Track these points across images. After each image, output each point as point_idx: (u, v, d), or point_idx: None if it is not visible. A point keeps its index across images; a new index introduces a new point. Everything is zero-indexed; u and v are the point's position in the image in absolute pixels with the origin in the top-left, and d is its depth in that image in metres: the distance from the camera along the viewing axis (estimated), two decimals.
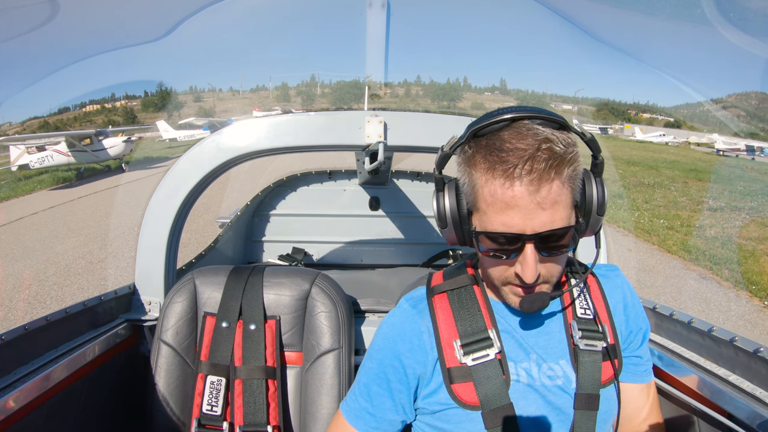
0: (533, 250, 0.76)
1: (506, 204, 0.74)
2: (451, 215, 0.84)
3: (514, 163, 0.72)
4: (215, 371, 1.23)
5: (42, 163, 16.53)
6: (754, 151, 24.95)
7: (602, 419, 0.89)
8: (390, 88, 12.08)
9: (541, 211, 0.73)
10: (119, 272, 6.02)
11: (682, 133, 37.22)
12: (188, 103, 73.55)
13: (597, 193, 0.81)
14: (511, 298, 0.85)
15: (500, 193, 0.74)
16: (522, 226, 0.74)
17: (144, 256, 1.45)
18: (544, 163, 0.71)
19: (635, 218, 9.64)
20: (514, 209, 0.74)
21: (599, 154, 0.82)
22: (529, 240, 0.75)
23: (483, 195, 0.77)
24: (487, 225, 0.78)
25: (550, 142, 0.73)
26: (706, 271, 6.53)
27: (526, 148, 0.72)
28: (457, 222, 0.84)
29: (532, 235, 0.75)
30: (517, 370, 0.89)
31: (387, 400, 0.92)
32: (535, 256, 0.77)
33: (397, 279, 2.10)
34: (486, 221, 0.78)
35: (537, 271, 0.78)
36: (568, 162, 0.74)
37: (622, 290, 0.98)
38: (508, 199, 0.73)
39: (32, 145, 17.26)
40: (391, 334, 0.95)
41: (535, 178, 0.72)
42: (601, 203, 0.81)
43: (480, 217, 0.80)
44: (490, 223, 0.77)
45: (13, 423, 1.00)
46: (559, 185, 0.73)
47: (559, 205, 0.74)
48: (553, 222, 0.74)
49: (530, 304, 0.81)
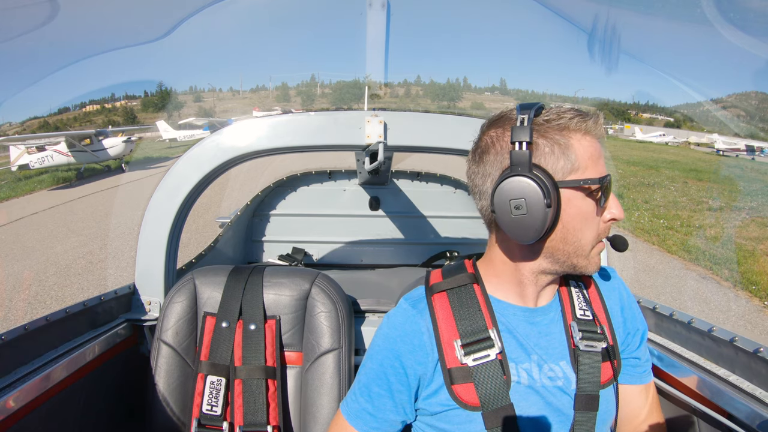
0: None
1: (599, 152, 0.84)
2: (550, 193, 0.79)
3: (592, 120, 0.82)
4: (215, 371, 1.23)
5: (42, 163, 16.52)
6: (754, 151, 24.95)
7: (602, 420, 0.89)
8: (390, 88, 12.11)
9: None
10: (119, 272, 6.02)
11: (682, 133, 37.21)
12: (188, 103, 73.58)
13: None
14: (596, 259, 0.87)
15: (595, 144, 0.83)
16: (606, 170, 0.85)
17: (144, 256, 1.45)
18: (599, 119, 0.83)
19: (635, 218, 9.65)
20: (601, 157, 0.84)
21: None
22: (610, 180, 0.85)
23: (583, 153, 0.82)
24: (595, 175, 0.82)
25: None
26: (706, 271, 6.53)
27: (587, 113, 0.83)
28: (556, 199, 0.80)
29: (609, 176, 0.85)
30: (518, 371, 0.89)
31: (387, 401, 0.92)
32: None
33: (396, 279, 2.10)
34: (592, 173, 0.82)
35: None
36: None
37: (619, 292, 0.99)
38: (598, 150, 0.84)
39: (32, 145, 17.24)
40: (392, 334, 0.94)
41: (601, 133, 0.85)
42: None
43: (582, 174, 0.82)
44: (595, 173, 0.82)
45: (13, 423, 1.00)
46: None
47: None
48: None
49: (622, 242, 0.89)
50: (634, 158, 22.02)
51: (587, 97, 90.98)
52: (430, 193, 2.73)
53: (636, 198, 12.02)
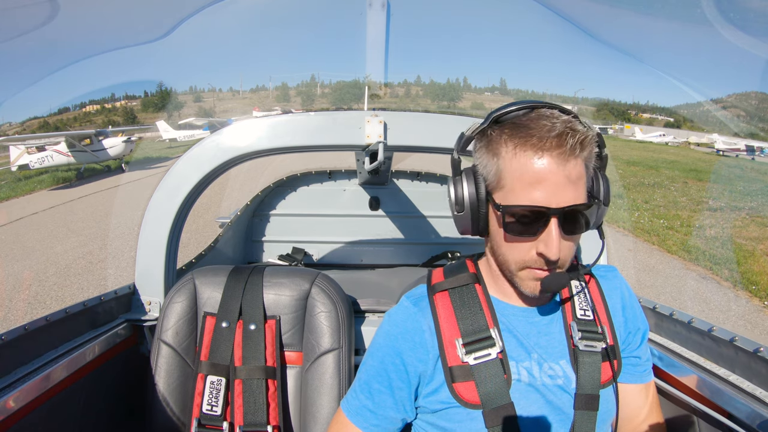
0: (557, 226, 0.77)
1: (536, 177, 0.76)
2: (469, 199, 0.85)
3: (544, 137, 0.75)
4: (215, 371, 1.23)
5: (42, 163, 16.52)
6: (754, 151, 24.96)
7: (602, 419, 0.89)
8: (390, 88, 12.13)
9: (569, 184, 0.76)
10: (119, 272, 6.02)
11: (682, 133, 37.24)
12: (188, 103, 73.60)
13: (603, 184, 0.84)
14: (528, 283, 0.84)
15: (529, 165, 0.76)
16: (549, 200, 0.76)
17: (144, 256, 1.45)
18: (572, 138, 0.74)
19: (635, 218, 9.65)
20: (543, 183, 0.75)
21: (605, 149, 0.85)
22: (555, 215, 0.76)
23: (511, 170, 0.78)
24: (513, 201, 0.78)
25: (573, 122, 0.77)
26: (706, 271, 6.53)
27: (554, 125, 0.75)
28: (474, 206, 0.84)
29: (557, 210, 0.76)
30: (518, 370, 0.89)
31: (388, 398, 0.92)
32: (559, 232, 0.77)
33: (397, 279, 2.10)
34: (512, 197, 0.79)
35: (560, 248, 0.78)
36: (589, 143, 0.77)
37: (620, 291, 0.99)
38: (538, 171, 0.75)
39: (32, 146, 17.24)
40: (393, 331, 0.95)
41: (564, 152, 0.74)
42: (607, 193, 0.84)
43: (505, 195, 0.80)
44: (517, 199, 0.78)
45: (13, 423, 1.00)
46: (581, 162, 0.77)
47: (582, 181, 0.78)
48: (576, 198, 0.77)
49: (550, 282, 0.81)
50: (634, 158, 22.03)
51: (587, 97, 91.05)
52: (430, 193, 2.73)
53: (636, 198, 12.02)
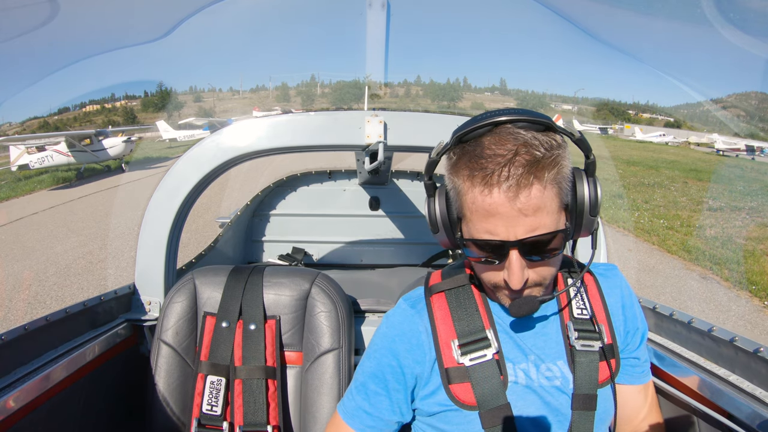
0: (518, 256, 0.75)
1: (487, 211, 0.73)
2: (441, 221, 0.84)
3: (491, 170, 0.71)
4: (215, 371, 1.23)
5: (42, 163, 16.51)
6: (754, 151, 24.95)
7: (600, 419, 0.89)
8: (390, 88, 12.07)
9: (523, 217, 0.72)
10: (119, 272, 6.02)
11: (682, 133, 37.22)
12: (188, 103, 73.59)
13: (589, 194, 0.78)
14: (504, 300, 0.85)
15: (480, 200, 0.73)
16: (505, 233, 0.74)
17: (144, 256, 1.45)
18: (521, 168, 0.70)
19: (635, 218, 9.64)
20: (496, 216, 0.73)
21: (590, 154, 0.79)
22: (513, 247, 0.75)
23: (466, 202, 0.77)
24: (473, 232, 0.77)
25: (529, 146, 0.71)
26: (706, 271, 6.53)
27: (505, 154, 0.71)
28: (447, 228, 0.84)
29: (515, 242, 0.74)
30: (515, 371, 0.89)
31: (384, 399, 0.92)
32: (521, 262, 0.76)
33: (396, 279, 2.10)
34: (471, 228, 0.78)
35: (524, 277, 0.77)
36: (548, 165, 0.72)
37: (621, 290, 0.98)
38: (488, 207, 0.73)
39: (32, 145, 17.24)
40: (390, 333, 0.95)
41: (513, 184, 0.71)
42: (594, 204, 0.78)
43: (466, 224, 0.80)
44: (476, 230, 0.77)
45: (13, 423, 1.00)
46: (539, 189, 0.72)
47: (543, 210, 0.73)
48: (536, 228, 0.73)
49: (518, 308, 0.80)
50: (634, 158, 22.02)
51: (587, 97, 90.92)
52: None
53: (636, 198, 12.02)
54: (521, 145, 0.71)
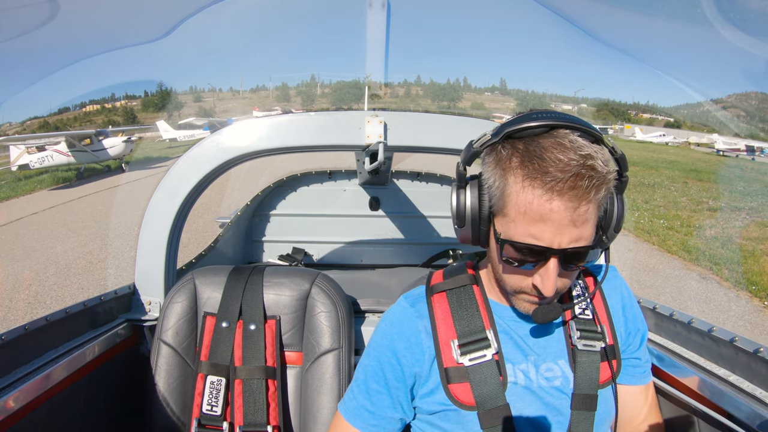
0: (556, 264, 0.75)
1: (541, 216, 0.72)
2: (471, 215, 0.82)
3: (557, 177, 0.70)
4: (215, 371, 1.23)
5: (42, 163, 16.51)
6: (754, 152, 24.96)
7: (600, 420, 0.89)
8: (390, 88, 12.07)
9: (573, 228, 0.72)
10: (119, 272, 6.02)
11: (682, 133, 37.24)
12: (188, 103, 73.60)
13: (618, 211, 0.80)
14: (523, 305, 0.84)
15: (537, 204, 0.72)
16: (550, 240, 0.73)
17: (144, 256, 1.45)
18: (588, 181, 0.70)
19: (635, 218, 9.64)
20: (547, 223, 0.72)
21: (625, 173, 0.80)
22: (554, 254, 0.74)
23: (516, 202, 0.74)
24: (514, 234, 0.76)
25: (593, 159, 0.70)
26: (706, 271, 6.53)
27: (570, 163, 0.70)
28: (476, 222, 0.83)
29: (558, 250, 0.74)
30: (514, 372, 0.89)
31: (385, 397, 0.92)
32: (557, 270, 0.76)
33: (396, 279, 2.10)
34: (513, 230, 0.76)
35: (556, 285, 0.77)
36: (607, 182, 0.72)
37: (621, 291, 0.99)
38: (545, 212, 0.72)
39: (32, 145, 17.24)
40: (389, 332, 0.95)
41: (575, 195, 0.70)
42: (620, 220, 0.81)
43: (506, 224, 0.77)
44: (518, 233, 0.75)
45: (13, 423, 1.00)
46: (594, 203, 0.73)
47: (589, 223, 0.74)
48: (580, 240, 0.74)
49: (545, 315, 0.81)
50: (634, 158, 22.00)
51: (587, 97, 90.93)
52: (430, 193, 2.73)
53: (636, 198, 12.02)
54: (587, 157, 0.70)
